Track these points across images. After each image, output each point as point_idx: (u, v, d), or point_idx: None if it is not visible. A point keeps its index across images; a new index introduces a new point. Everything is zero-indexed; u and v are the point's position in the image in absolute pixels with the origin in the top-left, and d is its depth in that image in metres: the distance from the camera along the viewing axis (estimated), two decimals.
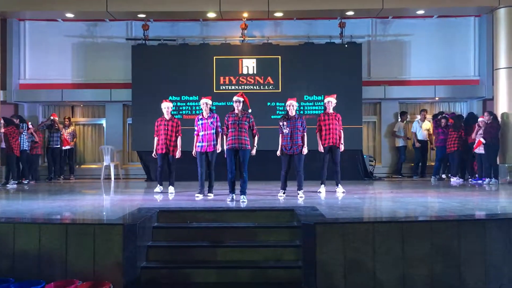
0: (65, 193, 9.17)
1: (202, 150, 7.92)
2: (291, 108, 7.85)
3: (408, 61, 12.61)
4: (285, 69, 11.56)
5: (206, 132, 7.92)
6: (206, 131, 7.92)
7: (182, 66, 11.68)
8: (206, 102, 8.03)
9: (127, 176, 12.71)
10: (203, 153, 7.93)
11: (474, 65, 12.56)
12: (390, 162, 12.65)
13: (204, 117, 7.97)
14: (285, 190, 7.92)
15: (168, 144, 8.55)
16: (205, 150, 7.91)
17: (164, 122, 8.58)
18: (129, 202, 7.44)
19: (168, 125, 8.56)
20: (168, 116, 8.59)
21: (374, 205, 7.46)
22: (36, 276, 4.95)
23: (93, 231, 5.16)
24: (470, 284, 5.12)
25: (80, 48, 12.72)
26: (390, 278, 5.05)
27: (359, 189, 9.23)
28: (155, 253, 5.60)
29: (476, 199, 7.65)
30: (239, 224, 6.06)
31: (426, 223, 5.48)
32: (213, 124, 7.96)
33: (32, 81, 12.66)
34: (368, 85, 12.00)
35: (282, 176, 7.95)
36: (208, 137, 7.91)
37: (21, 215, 6.16)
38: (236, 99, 7.52)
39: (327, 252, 5.05)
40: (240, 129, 7.39)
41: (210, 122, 7.94)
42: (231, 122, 7.43)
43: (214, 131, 7.96)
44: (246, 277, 5.32)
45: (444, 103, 13.08)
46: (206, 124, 7.94)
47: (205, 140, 7.91)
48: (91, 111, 13.25)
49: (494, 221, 5.52)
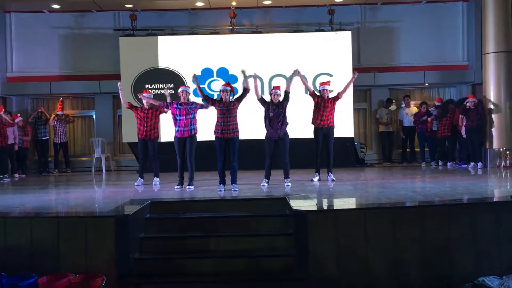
0: (56, 186, 9.13)
1: (179, 135, 7.82)
2: (276, 97, 7.77)
3: (398, 48, 12.61)
4: (274, 57, 11.51)
5: (184, 117, 7.78)
6: (184, 116, 7.79)
7: (171, 56, 11.59)
8: (185, 90, 7.92)
9: (119, 168, 12.66)
10: (181, 138, 7.83)
11: (463, 50, 12.60)
12: (381, 148, 12.71)
13: (183, 102, 7.84)
14: (268, 180, 7.85)
15: (148, 131, 8.41)
16: (182, 135, 7.80)
17: (144, 111, 8.46)
18: (121, 194, 7.42)
19: (148, 113, 8.45)
20: (148, 105, 8.48)
21: (366, 191, 7.50)
22: (29, 270, 4.94)
23: (85, 223, 5.15)
24: (461, 268, 5.19)
25: (67, 39, 12.57)
26: (382, 264, 5.10)
27: (350, 176, 9.27)
28: (148, 245, 5.60)
29: (467, 184, 7.72)
30: (232, 214, 6.08)
31: (417, 208, 5.54)
32: (191, 110, 7.82)
33: (20, 74, 12.50)
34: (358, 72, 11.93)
35: (266, 164, 7.88)
36: (186, 122, 7.78)
37: (12, 209, 6.12)
38: (223, 88, 7.49)
39: (319, 239, 5.08)
40: (229, 116, 7.37)
41: (188, 108, 7.80)
42: (219, 108, 7.39)
43: (193, 116, 7.84)
44: (239, 266, 5.34)
45: (433, 88, 13.12)
46: (184, 109, 7.80)
47: (182, 125, 7.79)
48: (80, 103, 13.13)
49: (484, 205, 5.58)
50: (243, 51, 11.54)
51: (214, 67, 11.57)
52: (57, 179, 10.56)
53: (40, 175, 11.69)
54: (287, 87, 7.87)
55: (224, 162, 7.45)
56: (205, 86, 11.44)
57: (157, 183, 8.46)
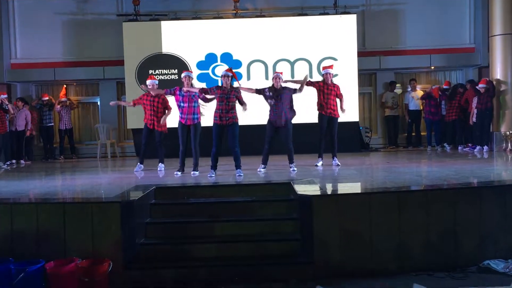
0: (62, 173, 9.17)
1: (183, 122, 7.75)
2: (277, 80, 7.67)
3: (403, 31, 12.47)
4: (278, 41, 11.42)
5: (188, 104, 7.72)
6: (188, 103, 7.73)
7: (175, 41, 11.53)
8: (188, 75, 7.80)
9: (124, 154, 12.68)
10: (184, 125, 7.77)
11: (469, 33, 12.44)
12: (386, 133, 12.66)
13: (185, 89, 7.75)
14: (265, 165, 7.79)
15: (154, 119, 8.32)
16: (185, 122, 7.75)
17: (150, 98, 8.35)
18: (126, 180, 7.44)
19: (154, 101, 8.33)
20: (154, 92, 8.33)
21: (371, 176, 7.49)
22: (35, 256, 4.97)
23: (91, 209, 5.17)
24: (466, 251, 5.19)
25: (70, 25, 12.52)
26: (386, 248, 5.11)
27: (355, 161, 9.25)
28: (154, 230, 5.62)
29: (472, 167, 7.68)
30: (236, 199, 6.09)
31: (421, 192, 5.52)
32: (195, 97, 7.75)
33: (24, 60, 12.49)
34: (363, 56, 11.88)
35: (265, 150, 7.80)
36: (189, 109, 7.72)
37: (18, 195, 6.16)
38: (225, 73, 7.43)
39: (325, 224, 5.08)
40: (228, 103, 7.33)
41: (192, 95, 7.73)
42: (219, 95, 7.35)
43: (196, 104, 7.78)
44: (244, 251, 5.36)
45: (440, 72, 13.01)
46: (188, 96, 7.74)
47: (186, 112, 7.73)
48: (84, 89, 13.13)
49: (490, 189, 5.56)
50: (247, 35, 11.46)
51: (218, 52, 11.50)
52: (62, 165, 10.60)
53: (46, 161, 11.74)
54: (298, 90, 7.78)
55: (219, 149, 7.42)
56: (209, 71, 11.40)
57: (162, 169, 8.47)
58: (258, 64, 11.48)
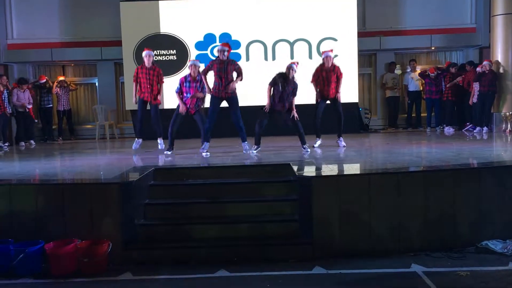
0: (60, 154, 9.15)
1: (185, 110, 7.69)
2: (292, 72, 7.33)
3: (404, 10, 12.33)
4: (277, 22, 11.29)
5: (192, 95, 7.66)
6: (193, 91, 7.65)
7: (173, 22, 11.40)
8: (194, 64, 7.64)
9: (122, 136, 12.65)
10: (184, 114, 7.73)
11: (470, 13, 12.31)
12: (386, 114, 12.62)
13: (192, 79, 7.63)
14: (258, 146, 7.59)
15: (149, 92, 8.23)
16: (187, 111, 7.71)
17: (145, 71, 8.22)
18: (125, 161, 7.43)
19: (149, 73, 8.22)
20: (149, 64, 8.22)
21: (370, 157, 7.48)
22: (35, 237, 4.99)
23: (90, 190, 5.18)
24: (465, 232, 5.21)
25: (67, 5, 12.35)
26: (385, 228, 5.13)
27: (354, 142, 9.23)
28: (153, 211, 5.63)
29: (471, 148, 7.68)
30: (236, 180, 6.08)
31: (420, 173, 5.52)
32: (201, 88, 7.67)
33: (20, 40, 12.35)
34: (363, 37, 11.76)
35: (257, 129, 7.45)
36: (193, 100, 7.65)
37: (17, 176, 6.16)
38: (221, 48, 7.34)
39: (324, 204, 5.09)
40: (227, 76, 7.25)
41: (198, 86, 7.61)
42: (216, 69, 7.26)
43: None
44: (244, 232, 5.37)
45: (440, 52, 12.92)
46: (194, 88, 7.63)
47: (188, 102, 7.66)
48: (82, 70, 13.03)
49: (489, 169, 5.57)
50: (246, 15, 11.31)
51: (217, 33, 11.38)
52: (61, 147, 10.59)
53: (45, 143, 11.72)
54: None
55: (215, 123, 7.36)
56: (208, 52, 11.30)
57: (161, 142, 8.41)
58: (257, 44, 11.36)
